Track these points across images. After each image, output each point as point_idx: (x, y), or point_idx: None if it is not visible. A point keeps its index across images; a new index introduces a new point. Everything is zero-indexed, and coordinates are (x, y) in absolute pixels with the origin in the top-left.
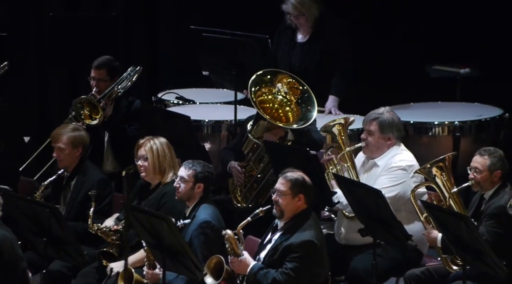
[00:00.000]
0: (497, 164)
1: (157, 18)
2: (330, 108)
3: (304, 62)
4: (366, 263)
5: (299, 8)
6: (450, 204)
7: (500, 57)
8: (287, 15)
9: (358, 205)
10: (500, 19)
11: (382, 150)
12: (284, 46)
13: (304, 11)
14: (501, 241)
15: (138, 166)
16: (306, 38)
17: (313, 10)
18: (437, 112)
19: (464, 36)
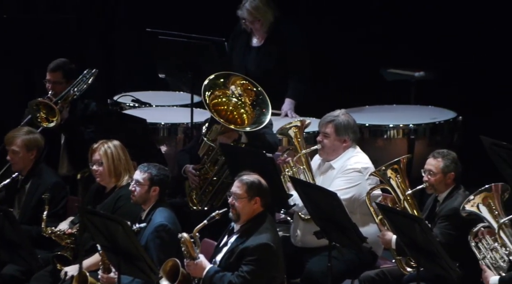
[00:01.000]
0: (450, 166)
1: (112, 20)
2: (286, 111)
3: (260, 66)
4: (322, 266)
5: (254, 13)
6: (405, 206)
7: (454, 61)
8: (242, 20)
9: (313, 207)
10: (454, 23)
11: (337, 152)
12: (239, 50)
13: (259, 17)
14: (455, 243)
15: (93, 171)
16: (261, 42)
17: (268, 15)
18: (392, 115)
19: (419, 40)
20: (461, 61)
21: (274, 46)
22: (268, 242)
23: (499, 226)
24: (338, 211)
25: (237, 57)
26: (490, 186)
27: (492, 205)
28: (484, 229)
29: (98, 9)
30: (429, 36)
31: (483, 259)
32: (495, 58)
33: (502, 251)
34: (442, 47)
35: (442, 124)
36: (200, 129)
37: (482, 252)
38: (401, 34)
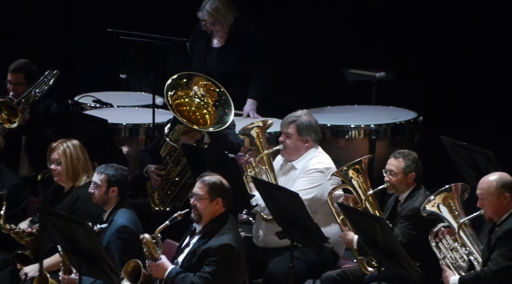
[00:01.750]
0: (411, 166)
1: (73, 20)
2: (248, 111)
3: (221, 67)
4: (284, 266)
5: (215, 15)
6: (366, 206)
7: (414, 61)
8: (203, 22)
9: (275, 207)
10: (414, 24)
11: (300, 152)
12: (200, 51)
13: (220, 18)
14: (415, 243)
15: (51, 170)
16: (222, 43)
17: (228, 17)
18: (353, 115)
19: (379, 40)
20: (421, 61)
21: (235, 47)
22: (230, 243)
23: (459, 226)
24: (300, 211)
25: (198, 58)
26: (450, 186)
27: (452, 205)
28: (444, 229)
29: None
30: (389, 36)
31: (443, 258)
32: (455, 58)
33: (462, 251)
34: (402, 47)
35: (403, 124)
36: (162, 129)
37: (443, 252)
38: (362, 35)
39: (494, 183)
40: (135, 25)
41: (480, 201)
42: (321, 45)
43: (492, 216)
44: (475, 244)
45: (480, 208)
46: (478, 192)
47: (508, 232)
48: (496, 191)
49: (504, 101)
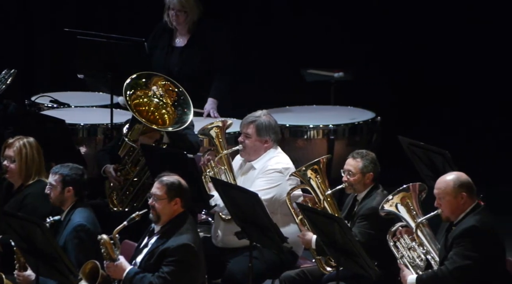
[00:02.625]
0: (369, 166)
1: (31, 20)
2: (209, 110)
3: (184, 66)
4: (243, 266)
5: (183, 3)
6: (325, 206)
7: (372, 61)
8: (168, 11)
9: (234, 207)
10: (371, 24)
11: (259, 153)
12: (161, 50)
13: (187, 8)
14: (373, 242)
15: (4, 165)
16: (185, 42)
17: (194, 11)
18: (312, 116)
19: (338, 41)
20: (379, 61)
21: (198, 46)
22: (188, 243)
23: (416, 226)
24: (259, 211)
25: (158, 57)
26: (408, 186)
27: (410, 204)
28: (402, 228)
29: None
30: (348, 37)
31: (401, 258)
32: (412, 58)
33: (420, 250)
34: (361, 47)
35: (361, 124)
36: (120, 130)
37: (400, 251)
38: (320, 35)
39: (451, 183)
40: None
41: (437, 201)
42: (279, 46)
43: (449, 216)
44: (433, 243)
45: (437, 207)
46: (436, 192)
47: (465, 231)
48: (453, 191)
49: (460, 100)
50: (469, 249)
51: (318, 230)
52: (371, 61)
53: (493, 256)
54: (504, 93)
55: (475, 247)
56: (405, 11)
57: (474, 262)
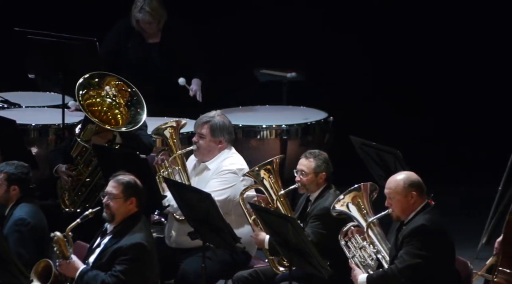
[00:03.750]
0: (322, 166)
1: None
2: (196, 91)
3: (163, 62)
4: (196, 266)
5: (154, 15)
6: (278, 206)
7: (324, 62)
8: (136, 21)
9: (188, 208)
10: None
11: (213, 153)
12: (137, 48)
13: (158, 17)
14: (326, 242)
15: None
16: (158, 39)
17: (164, 16)
18: (265, 116)
19: (290, 41)
20: (331, 62)
21: (172, 42)
22: (142, 242)
23: (367, 225)
24: (212, 212)
25: (136, 56)
26: (359, 185)
27: (361, 204)
28: (354, 228)
29: None
30: (300, 37)
31: (352, 257)
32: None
33: (371, 250)
34: (313, 47)
35: (314, 124)
36: (72, 130)
37: (352, 251)
38: (273, 35)
39: (402, 182)
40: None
41: (388, 200)
42: (233, 46)
43: (400, 215)
44: (383, 242)
45: (388, 207)
46: (386, 191)
47: (414, 230)
48: (404, 190)
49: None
50: (418, 248)
51: (271, 230)
52: (323, 61)
53: (442, 254)
54: (454, 91)
55: (425, 246)
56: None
57: (424, 260)
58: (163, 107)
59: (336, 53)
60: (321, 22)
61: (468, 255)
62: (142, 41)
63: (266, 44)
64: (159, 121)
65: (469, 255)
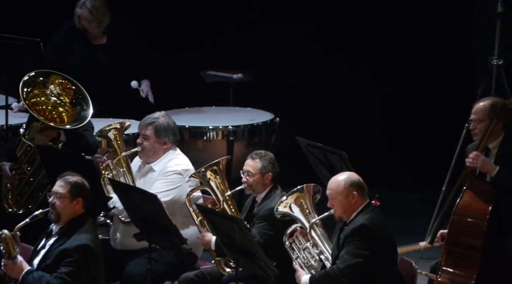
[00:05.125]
0: (268, 167)
1: None
2: (147, 92)
3: (111, 61)
4: (141, 268)
5: (94, 13)
6: (224, 207)
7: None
8: (77, 17)
9: (133, 209)
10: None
11: (158, 154)
12: (84, 49)
13: (99, 17)
14: (272, 243)
15: None
16: (103, 41)
17: (106, 17)
18: (211, 117)
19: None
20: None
21: (118, 43)
22: (88, 243)
23: (310, 226)
24: (158, 213)
25: (83, 57)
26: (302, 187)
27: (304, 205)
28: (299, 229)
29: None
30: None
31: (296, 258)
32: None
33: (314, 251)
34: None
35: (260, 125)
36: (15, 131)
37: (296, 252)
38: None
39: (342, 183)
40: None
41: (330, 201)
42: (179, 46)
43: (342, 215)
44: (326, 243)
45: (330, 207)
46: (328, 192)
47: (355, 230)
48: (345, 191)
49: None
50: (359, 247)
51: (218, 231)
52: (269, 62)
53: (383, 254)
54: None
55: (365, 246)
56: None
57: (364, 260)
58: (112, 109)
59: (283, 53)
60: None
61: (412, 255)
62: (88, 43)
63: (212, 44)
64: (105, 122)
65: (413, 255)
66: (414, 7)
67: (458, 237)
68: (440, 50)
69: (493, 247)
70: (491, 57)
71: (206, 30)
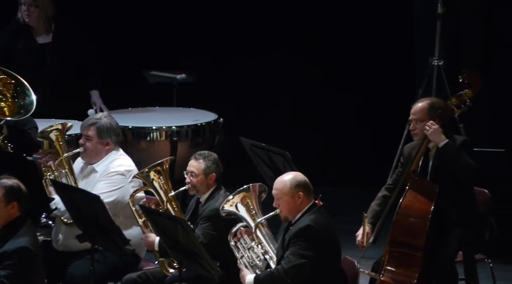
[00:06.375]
0: (211, 167)
1: None
2: (100, 104)
3: (55, 61)
4: (84, 269)
5: None
6: (168, 207)
7: (214, 63)
8: (20, 6)
9: (76, 210)
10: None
11: (100, 155)
12: (27, 49)
13: (39, 3)
14: (215, 243)
15: None
16: (48, 39)
17: (47, 6)
18: (155, 117)
19: (180, 42)
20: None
21: (63, 43)
22: (27, 246)
23: (255, 225)
24: (101, 214)
25: (27, 55)
26: (248, 186)
27: (250, 204)
28: (243, 228)
29: None
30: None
31: (241, 258)
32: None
33: (259, 250)
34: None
35: (204, 126)
36: None
37: (241, 252)
38: (163, 36)
39: (288, 183)
40: None
41: (275, 201)
42: (122, 46)
43: (287, 215)
44: (271, 243)
45: (276, 207)
46: (274, 192)
47: (300, 231)
48: (290, 191)
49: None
50: (304, 248)
51: (161, 232)
52: (212, 63)
53: (328, 255)
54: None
55: (310, 246)
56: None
57: (309, 261)
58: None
59: (226, 54)
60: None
61: (355, 254)
62: (33, 41)
63: (155, 45)
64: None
65: (356, 255)
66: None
67: (401, 237)
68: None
69: (434, 246)
70: (432, 57)
71: (149, 30)
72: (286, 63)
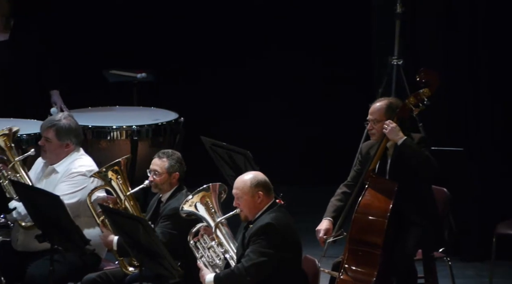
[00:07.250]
0: (175, 166)
1: None
2: (61, 105)
3: (15, 60)
4: (43, 269)
5: None
6: (126, 206)
7: (174, 62)
8: None
9: (36, 211)
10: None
11: (60, 156)
12: None
13: None
14: (176, 242)
15: None
16: (6, 37)
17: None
18: (115, 116)
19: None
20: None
21: (22, 42)
22: None
23: (215, 225)
24: (61, 214)
25: None
26: (208, 185)
27: (210, 204)
28: (203, 228)
29: None
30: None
31: (201, 258)
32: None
33: (219, 250)
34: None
35: (165, 125)
36: None
37: (200, 251)
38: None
39: (248, 182)
40: None
41: (236, 200)
42: (81, 46)
43: (248, 215)
44: (231, 242)
45: (236, 207)
46: (234, 192)
47: (261, 228)
48: (250, 190)
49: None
50: (264, 246)
51: (121, 231)
52: (173, 62)
53: (288, 253)
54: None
55: (270, 244)
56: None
57: (269, 258)
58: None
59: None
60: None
61: (315, 253)
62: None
63: (115, 44)
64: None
65: (316, 253)
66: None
67: (360, 235)
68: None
69: (393, 244)
70: (391, 57)
71: (108, 28)
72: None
